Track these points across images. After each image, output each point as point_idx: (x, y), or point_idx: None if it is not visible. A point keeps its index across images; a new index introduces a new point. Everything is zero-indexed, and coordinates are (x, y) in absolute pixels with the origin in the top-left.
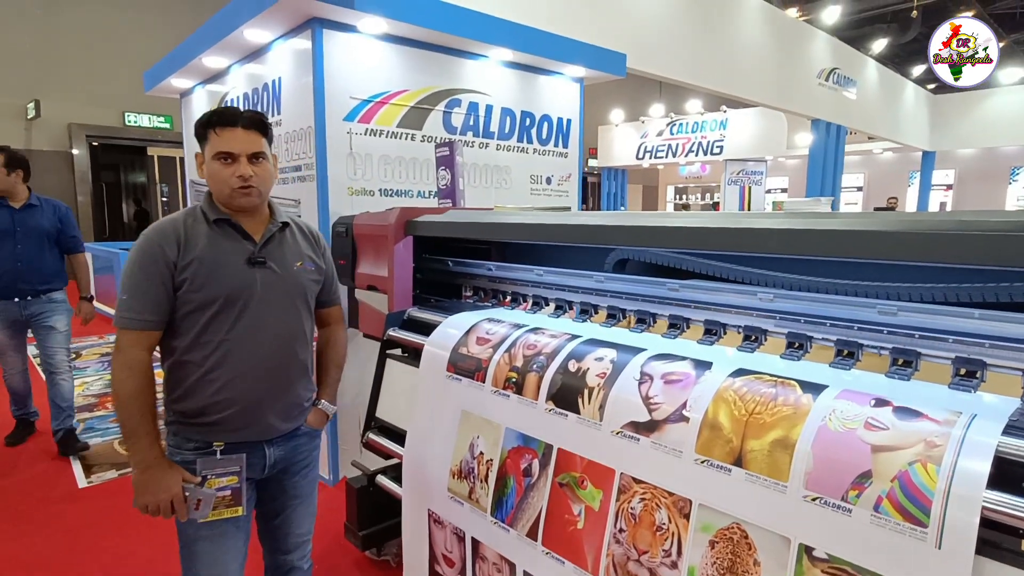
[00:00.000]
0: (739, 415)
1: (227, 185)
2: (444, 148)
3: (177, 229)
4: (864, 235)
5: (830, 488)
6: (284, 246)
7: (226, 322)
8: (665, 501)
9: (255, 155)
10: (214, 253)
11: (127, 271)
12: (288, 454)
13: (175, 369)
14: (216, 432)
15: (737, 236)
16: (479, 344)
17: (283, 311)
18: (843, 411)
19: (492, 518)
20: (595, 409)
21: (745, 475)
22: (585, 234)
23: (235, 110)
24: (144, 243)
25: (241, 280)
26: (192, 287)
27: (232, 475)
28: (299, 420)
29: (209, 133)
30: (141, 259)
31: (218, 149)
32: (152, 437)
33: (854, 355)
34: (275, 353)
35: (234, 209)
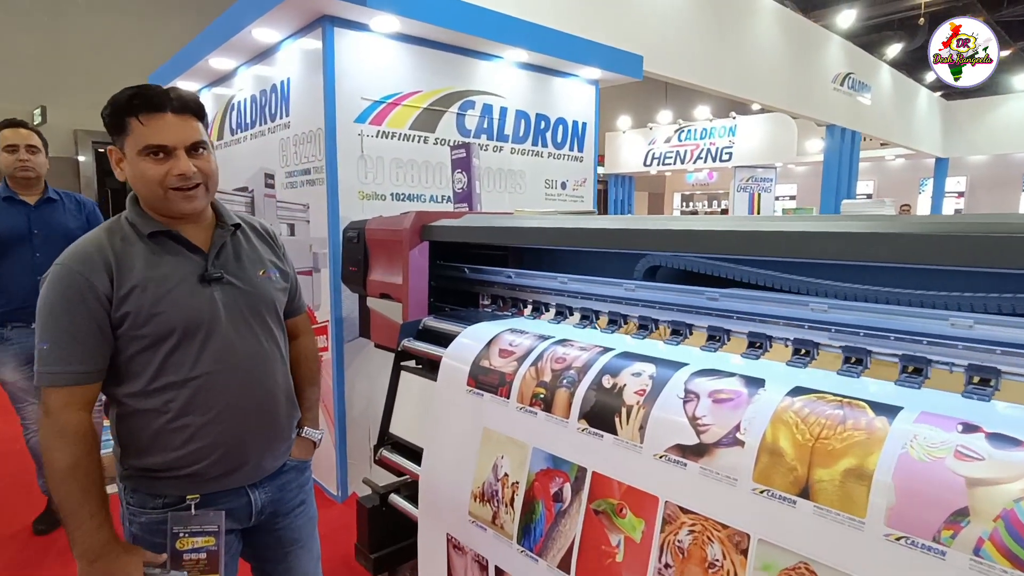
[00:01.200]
0: (803, 440)
1: (161, 187)
2: (460, 150)
3: (104, 253)
4: (939, 239)
5: (918, 527)
6: (241, 253)
7: (187, 358)
8: (718, 534)
9: (194, 146)
10: (157, 275)
11: (46, 312)
12: (276, 495)
13: (130, 421)
14: (192, 484)
15: (795, 241)
16: (502, 357)
17: (253, 332)
18: (926, 437)
19: (519, 546)
20: (634, 430)
21: (813, 508)
22: (616, 239)
23: (161, 89)
24: (63, 274)
25: (196, 304)
26: (137, 322)
27: (209, 535)
28: (286, 455)
29: (129, 122)
30: (63, 297)
31: (146, 142)
32: (99, 519)
33: (922, 372)
34: (253, 384)
35: (172, 217)
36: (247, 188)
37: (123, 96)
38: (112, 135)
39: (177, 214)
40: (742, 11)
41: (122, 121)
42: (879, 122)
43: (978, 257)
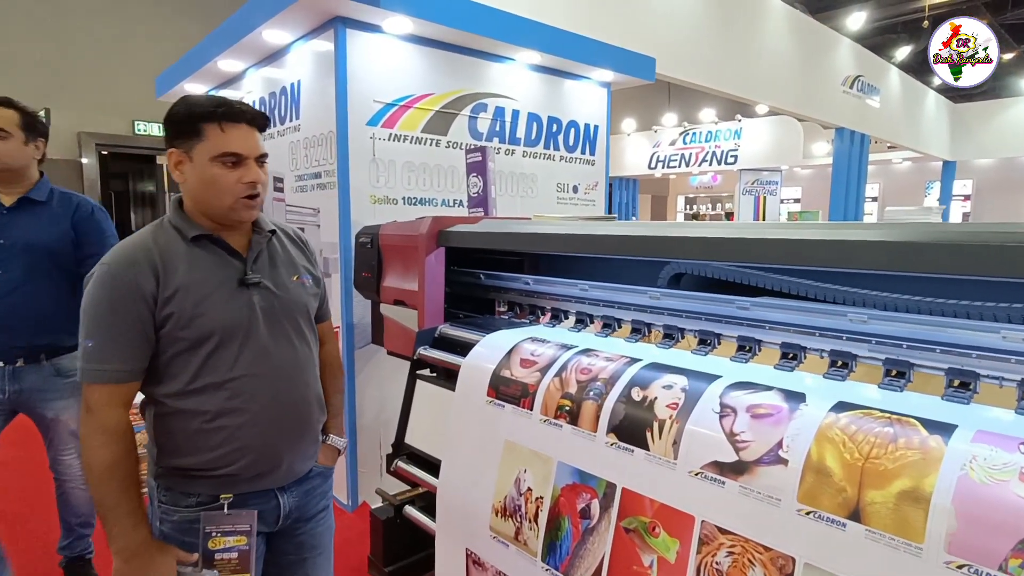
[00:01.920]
0: (851, 459)
1: (231, 194)
2: (476, 154)
3: (150, 255)
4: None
5: (982, 555)
6: (277, 259)
7: (226, 360)
8: (760, 557)
9: (261, 157)
10: (199, 278)
11: (92, 312)
12: (303, 500)
13: (167, 421)
14: (225, 484)
15: (839, 249)
16: (524, 367)
17: (288, 337)
18: (986, 458)
19: (543, 564)
20: (667, 445)
21: (865, 532)
22: (641, 245)
23: (240, 103)
24: (110, 276)
25: (236, 308)
26: (179, 323)
27: (241, 535)
28: (313, 460)
29: (206, 128)
30: (110, 296)
31: (224, 149)
32: (137, 517)
33: (970, 386)
34: (288, 388)
35: (227, 223)
36: None
37: (204, 102)
38: (177, 138)
39: (236, 221)
40: (751, 13)
41: (197, 127)
42: (888, 125)
43: None
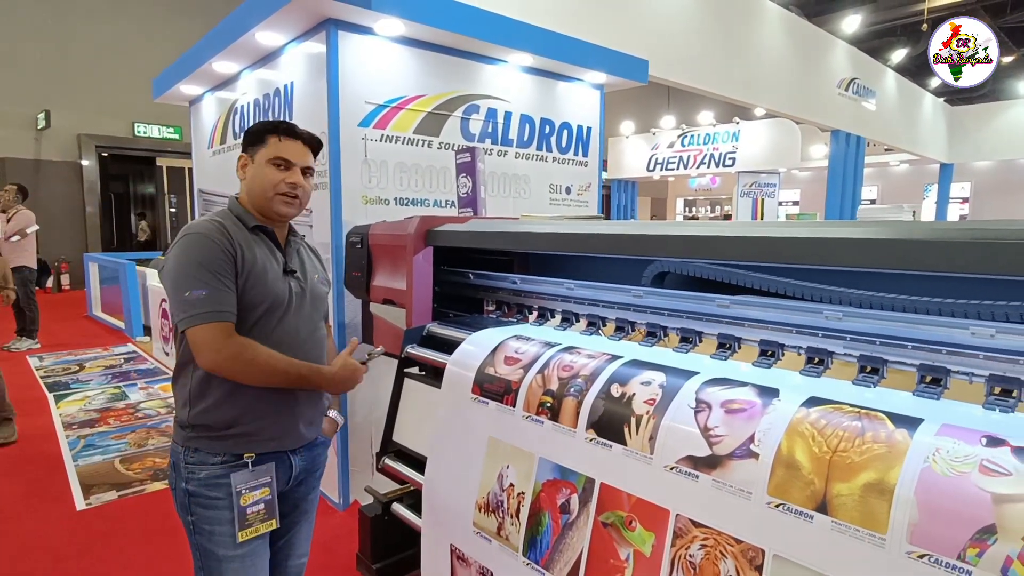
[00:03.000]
0: (820, 452)
1: (273, 189)
2: (465, 154)
3: (223, 231)
4: (961, 246)
5: (942, 544)
6: (304, 259)
7: (267, 328)
8: (732, 549)
9: (307, 169)
10: (257, 258)
11: (191, 269)
12: (308, 464)
13: (207, 378)
14: (247, 443)
15: (814, 247)
16: (507, 364)
17: (311, 320)
18: (949, 451)
19: (524, 558)
20: (644, 440)
21: (832, 524)
22: (627, 244)
23: (295, 125)
24: (205, 240)
25: (281, 287)
26: (243, 289)
27: (264, 487)
28: (319, 428)
29: (270, 138)
30: (209, 255)
31: (277, 154)
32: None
33: (941, 382)
34: (308, 359)
35: (270, 216)
36: None
37: (271, 121)
38: (248, 146)
39: (275, 214)
40: (747, 16)
41: (264, 137)
42: (884, 127)
43: (1001, 264)
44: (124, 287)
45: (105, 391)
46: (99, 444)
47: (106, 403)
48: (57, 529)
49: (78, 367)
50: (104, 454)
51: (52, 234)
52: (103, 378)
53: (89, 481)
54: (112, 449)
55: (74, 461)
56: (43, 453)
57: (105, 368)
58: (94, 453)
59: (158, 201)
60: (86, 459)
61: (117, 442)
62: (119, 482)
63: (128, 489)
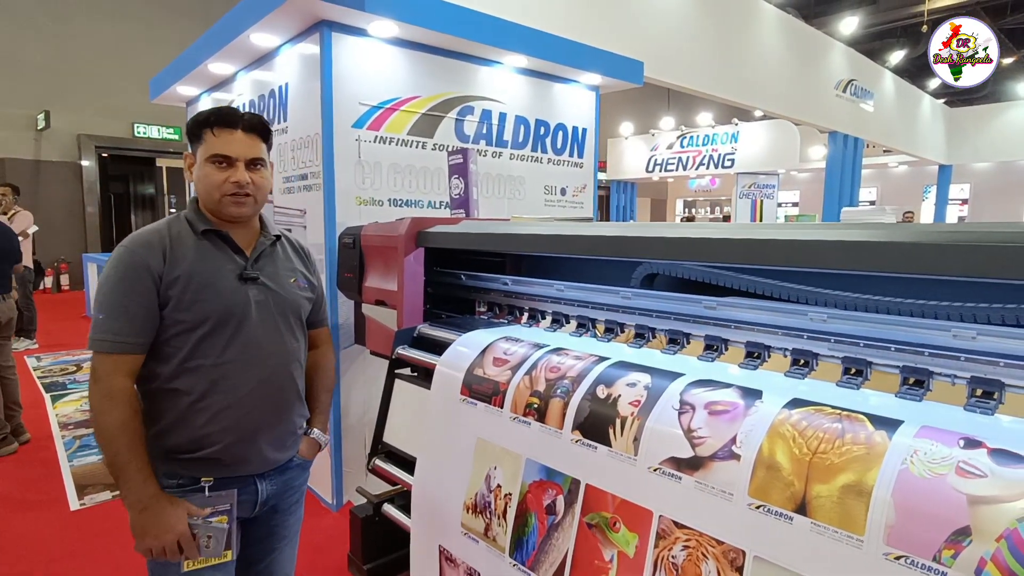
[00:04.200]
0: (800, 454)
1: (219, 191)
2: (457, 156)
3: (162, 240)
4: (942, 249)
5: (918, 546)
6: (277, 261)
7: (218, 344)
8: (713, 550)
9: (253, 161)
10: (203, 268)
11: (105, 287)
12: (280, 489)
13: (158, 398)
14: (206, 467)
15: (793, 249)
16: (496, 365)
17: (278, 331)
18: (927, 452)
19: (511, 559)
20: (629, 442)
21: (810, 525)
22: (613, 246)
23: (236, 111)
24: (125, 255)
25: (233, 298)
26: (180, 306)
27: (222, 514)
28: (293, 450)
29: (205, 133)
30: (122, 273)
31: (214, 151)
32: (146, 473)
33: (924, 384)
34: (272, 377)
35: (224, 219)
36: None
37: (204, 112)
38: (191, 143)
39: (228, 217)
40: (744, 18)
41: (200, 132)
42: (882, 129)
43: (981, 267)
44: None
45: None
46: (94, 445)
47: None
48: (51, 529)
49: (75, 367)
50: (99, 454)
51: (52, 234)
52: None
53: (83, 481)
54: None
55: (69, 462)
56: (39, 453)
57: None
58: (89, 454)
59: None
60: (81, 459)
61: None
62: (113, 483)
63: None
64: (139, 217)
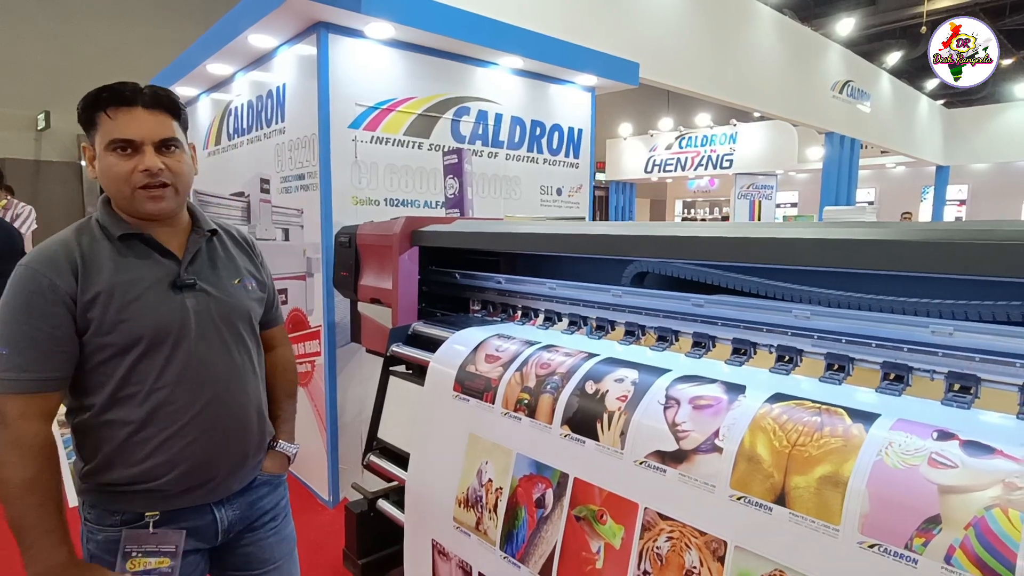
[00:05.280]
0: (780, 446)
1: (127, 184)
2: (452, 156)
3: (70, 253)
4: (918, 246)
5: (891, 534)
6: (216, 261)
7: (154, 367)
8: (696, 541)
9: (165, 142)
10: (126, 280)
11: (6, 316)
12: (246, 512)
13: (90, 433)
14: (152, 501)
15: (775, 247)
16: (488, 362)
17: (223, 343)
18: (901, 444)
19: (501, 552)
20: (615, 436)
21: (789, 515)
22: (601, 245)
23: (133, 85)
24: (25, 276)
25: (167, 311)
26: (102, 329)
27: (164, 555)
28: (256, 471)
29: (98, 117)
30: (25, 299)
31: (112, 136)
32: (56, 536)
33: (903, 379)
34: (222, 397)
35: (143, 218)
36: (243, 193)
37: (93, 91)
38: (86, 132)
39: (144, 215)
40: (741, 19)
41: (92, 116)
42: (879, 130)
43: (957, 264)
44: None
45: None
46: None
47: None
48: None
49: None
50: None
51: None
52: None
53: None
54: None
55: (68, 459)
56: None
57: None
58: None
59: None
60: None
61: None
62: None
63: None
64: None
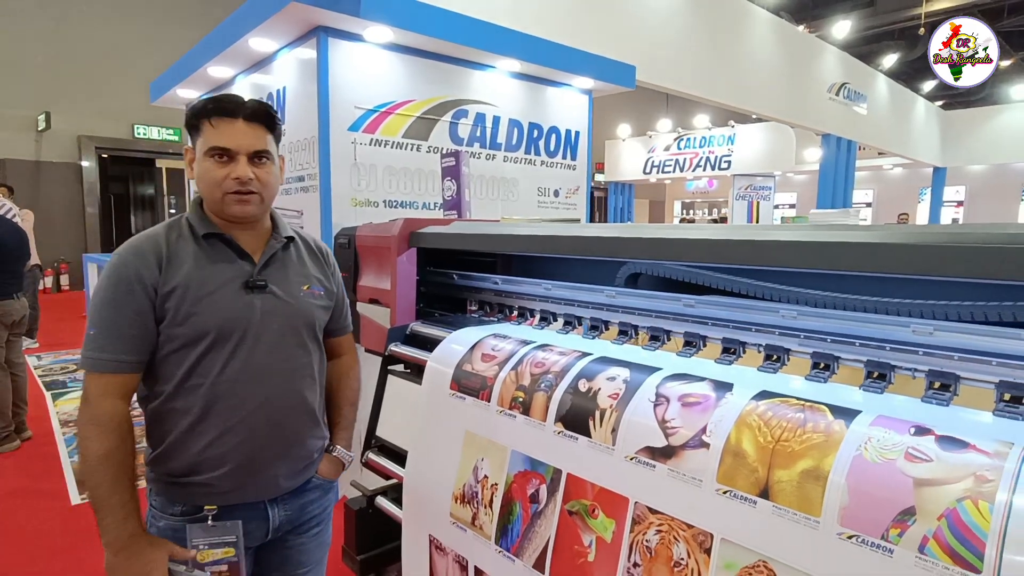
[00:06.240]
0: (764, 442)
1: (220, 188)
2: (450, 158)
3: (158, 247)
4: (899, 248)
5: (868, 525)
6: (288, 267)
7: (218, 361)
8: (684, 534)
9: (258, 154)
10: (203, 276)
11: (96, 300)
12: (296, 514)
13: (158, 419)
14: (208, 495)
15: (760, 249)
16: (484, 361)
17: (287, 346)
18: (880, 440)
19: (496, 546)
20: (607, 432)
21: (772, 508)
22: (595, 246)
23: (237, 98)
24: (117, 265)
25: (236, 309)
26: (176, 319)
27: (228, 546)
28: (308, 473)
29: (203, 124)
30: (114, 285)
31: (212, 144)
32: (128, 509)
33: (886, 377)
34: (278, 397)
35: (228, 220)
36: None
37: (204, 100)
38: (190, 136)
39: (230, 217)
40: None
41: (198, 123)
42: (875, 131)
43: (934, 266)
44: None
45: None
46: None
47: None
48: (52, 523)
49: (76, 366)
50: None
51: (52, 235)
52: None
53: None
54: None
55: (70, 458)
56: (40, 449)
57: None
58: None
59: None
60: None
61: None
62: None
63: None
64: (139, 218)
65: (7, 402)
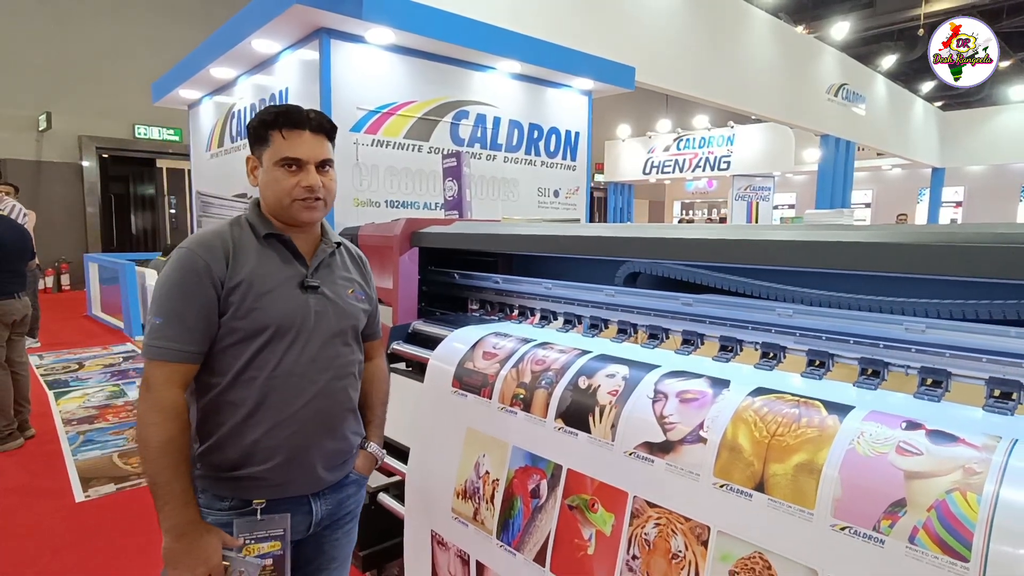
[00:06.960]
0: (760, 437)
1: (289, 196)
2: (451, 159)
3: (225, 242)
4: (892, 247)
5: (860, 517)
6: (335, 271)
7: (273, 356)
8: (681, 527)
9: (323, 163)
10: (264, 273)
11: (163, 290)
12: (334, 508)
13: (211, 411)
14: (256, 488)
15: (756, 248)
16: (486, 359)
17: (335, 344)
18: (872, 434)
19: (498, 541)
20: (607, 428)
21: (767, 501)
22: (595, 246)
23: (301, 110)
24: (187, 257)
25: (293, 307)
26: (238, 313)
27: (275, 540)
28: (347, 468)
29: (272, 135)
30: (183, 276)
31: (284, 154)
32: (188, 496)
33: (879, 374)
34: (326, 393)
35: (291, 224)
36: (246, 195)
37: (270, 112)
38: (253, 145)
39: (296, 222)
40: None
41: (265, 133)
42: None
43: (926, 265)
44: (123, 287)
45: (104, 389)
46: (98, 439)
47: (105, 400)
48: (57, 520)
49: (78, 365)
50: (103, 449)
51: (52, 234)
52: (102, 376)
53: (88, 475)
54: (110, 444)
55: (73, 456)
56: (44, 447)
57: (104, 367)
58: (93, 448)
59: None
60: (85, 453)
61: (115, 438)
62: (117, 476)
63: (126, 482)
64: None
65: (8, 401)
